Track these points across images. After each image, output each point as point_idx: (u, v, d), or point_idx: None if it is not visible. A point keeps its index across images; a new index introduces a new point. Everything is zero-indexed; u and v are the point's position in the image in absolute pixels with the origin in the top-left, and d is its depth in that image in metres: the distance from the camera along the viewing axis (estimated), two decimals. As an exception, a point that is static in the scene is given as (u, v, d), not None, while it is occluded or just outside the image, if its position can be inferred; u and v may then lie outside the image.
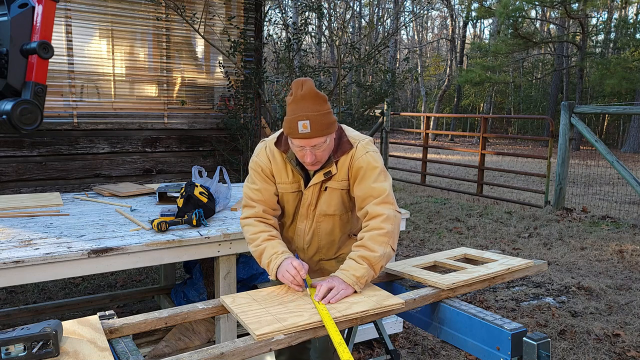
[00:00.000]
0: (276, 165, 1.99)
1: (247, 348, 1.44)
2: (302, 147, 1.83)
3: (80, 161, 4.75)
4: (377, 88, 7.01)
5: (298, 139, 1.80)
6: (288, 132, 1.83)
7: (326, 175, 1.94)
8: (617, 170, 6.78)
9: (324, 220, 2.02)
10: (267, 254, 1.91)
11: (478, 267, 2.07)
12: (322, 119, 1.80)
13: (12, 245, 2.16)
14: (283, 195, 2.02)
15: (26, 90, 2.64)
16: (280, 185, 2.01)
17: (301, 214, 2.03)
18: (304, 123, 1.78)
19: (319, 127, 1.79)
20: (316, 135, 1.79)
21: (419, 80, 31.25)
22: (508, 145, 23.37)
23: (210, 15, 5.28)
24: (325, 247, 2.08)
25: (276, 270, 1.86)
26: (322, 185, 1.97)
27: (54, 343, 1.32)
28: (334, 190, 1.97)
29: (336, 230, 2.05)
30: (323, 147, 1.84)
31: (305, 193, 1.98)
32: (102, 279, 4.47)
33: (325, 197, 1.98)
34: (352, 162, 1.93)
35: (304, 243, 2.08)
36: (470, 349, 1.76)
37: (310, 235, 2.05)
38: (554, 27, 26.56)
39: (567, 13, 18.97)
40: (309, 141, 1.80)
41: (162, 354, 2.84)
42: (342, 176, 1.95)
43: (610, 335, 3.42)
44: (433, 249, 5.43)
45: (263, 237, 1.94)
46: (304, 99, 1.80)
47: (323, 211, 2.00)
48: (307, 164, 1.88)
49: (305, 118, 1.78)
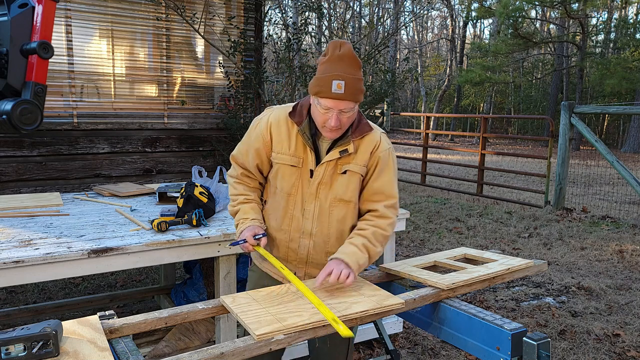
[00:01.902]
0: (278, 135, 1.87)
1: (247, 348, 1.44)
2: (329, 109, 1.73)
3: (80, 161, 4.75)
4: (377, 88, 7.00)
5: (329, 99, 1.71)
6: (317, 90, 1.73)
7: (342, 153, 1.84)
8: (617, 170, 6.78)
9: (338, 206, 1.89)
10: (237, 216, 1.95)
11: (478, 267, 2.07)
12: (357, 83, 1.74)
13: (12, 245, 2.16)
14: (279, 167, 1.89)
15: (26, 90, 2.64)
16: (278, 155, 1.88)
17: (309, 193, 1.87)
18: (339, 83, 1.69)
19: (352, 91, 1.72)
20: (348, 99, 1.71)
21: (419, 80, 31.25)
22: (508, 145, 23.37)
23: (210, 15, 5.28)
24: (334, 236, 1.91)
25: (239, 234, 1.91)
26: (338, 165, 1.86)
27: (54, 343, 1.32)
28: (354, 174, 1.87)
29: (348, 219, 1.92)
30: (349, 114, 1.76)
31: (317, 170, 1.85)
32: (102, 279, 4.47)
33: (343, 180, 1.86)
34: (376, 150, 1.88)
35: (312, 227, 1.90)
36: (470, 349, 1.76)
37: (323, 220, 1.89)
38: (554, 27, 26.56)
39: (567, 13, 18.97)
40: (339, 103, 1.71)
41: (162, 354, 2.84)
42: (363, 160, 1.87)
43: (610, 335, 3.42)
44: (433, 249, 5.43)
45: (239, 200, 1.96)
46: (342, 59, 1.72)
47: (339, 195, 1.87)
48: (328, 130, 1.77)
49: (340, 78, 1.70)
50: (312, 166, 1.86)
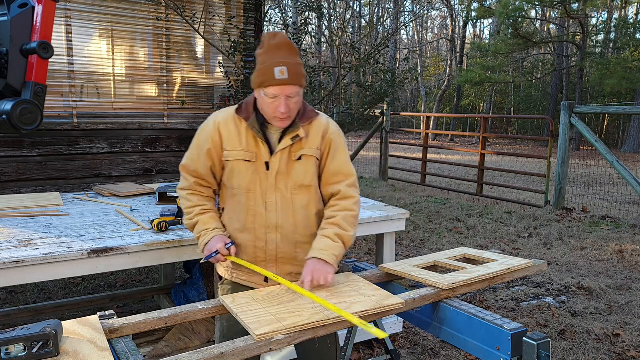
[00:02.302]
0: (227, 133, 1.88)
1: (247, 348, 1.44)
2: (276, 96, 1.76)
3: (80, 161, 4.75)
4: (377, 88, 7.01)
5: (274, 86, 1.75)
6: (262, 80, 1.76)
7: (294, 140, 1.86)
8: (617, 170, 6.78)
9: (300, 193, 1.90)
10: (197, 228, 1.91)
11: (478, 267, 2.07)
12: (298, 68, 1.79)
13: (12, 245, 2.16)
14: (234, 165, 1.88)
15: (26, 90, 2.64)
16: (231, 152, 1.88)
17: (269, 185, 1.87)
18: (281, 69, 1.73)
19: (295, 75, 1.76)
20: (293, 83, 1.76)
21: (419, 80, 31.24)
22: (508, 145, 23.36)
23: (210, 15, 5.28)
24: (301, 224, 1.91)
25: (204, 247, 1.88)
26: (292, 152, 1.88)
27: (54, 343, 1.32)
28: (310, 158, 1.90)
29: (312, 205, 1.93)
30: (296, 99, 1.80)
31: (272, 160, 1.86)
32: (102, 279, 4.47)
33: (300, 166, 1.89)
34: (326, 132, 1.93)
35: (278, 219, 1.88)
36: (470, 349, 1.76)
37: (287, 209, 1.89)
38: (554, 27, 26.56)
39: (567, 13, 18.97)
40: (285, 88, 1.75)
41: (162, 354, 2.84)
42: (315, 144, 1.90)
43: (610, 335, 3.42)
44: (433, 249, 5.43)
45: (196, 212, 1.93)
46: (279, 47, 1.77)
47: (299, 181, 1.89)
48: (279, 119, 1.80)
49: (282, 64, 1.74)
50: (267, 158, 1.87)
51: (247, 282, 1.98)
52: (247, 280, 1.98)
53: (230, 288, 2.01)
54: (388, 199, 7.99)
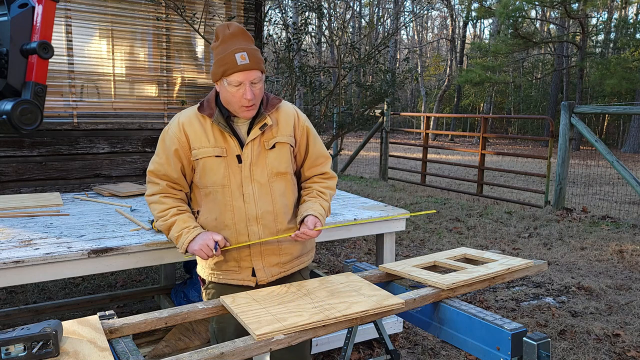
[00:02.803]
0: (193, 132, 1.86)
1: (247, 348, 1.44)
2: (240, 83, 1.76)
3: (80, 161, 4.75)
4: (377, 88, 7.00)
5: (237, 72, 1.75)
6: (224, 69, 1.76)
7: (262, 128, 1.87)
8: (617, 170, 6.78)
9: (277, 180, 1.91)
10: (177, 227, 1.85)
11: (478, 267, 2.07)
12: (257, 53, 1.80)
13: (12, 245, 2.16)
14: (205, 163, 1.86)
15: (26, 90, 2.64)
16: (200, 150, 1.85)
17: (244, 177, 1.87)
18: (242, 54, 1.74)
19: (256, 60, 1.77)
20: (255, 67, 1.77)
21: (419, 80, 31.24)
22: (508, 145, 23.36)
23: (210, 15, 5.28)
24: (281, 211, 1.93)
25: (188, 244, 1.83)
26: (263, 142, 1.88)
27: (54, 343, 1.32)
28: (284, 145, 1.92)
29: (288, 192, 1.96)
30: (259, 85, 1.80)
31: (244, 152, 1.86)
32: (102, 279, 4.47)
33: (274, 154, 1.90)
34: (298, 120, 1.98)
35: (257, 210, 1.88)
36: (470, 349, 1.76)
37: (266, 198, 1.89)
38: (554, 27, 26.56)
39: (567, 13, 18.97)
40: (248, 74, 1.76)
41: (162, 354, 2.84)
42: (287, 131, 1.93)
43: (610, 335, 3.42)
44: (433, 249, 5.43)
45: (172, 212, 1.87)
46: (235, 36, 1.78)
47: (275, 168, 1.90)
48: (245, 108, 1.81)
49: (242, 50, 1.75)
50: (238, 151, 1.87)
51: (233, 280, 1.95)
52: (233, 279, 1.95)
53: (215, 291, 1.98)
54: (388, 199, 7.99)
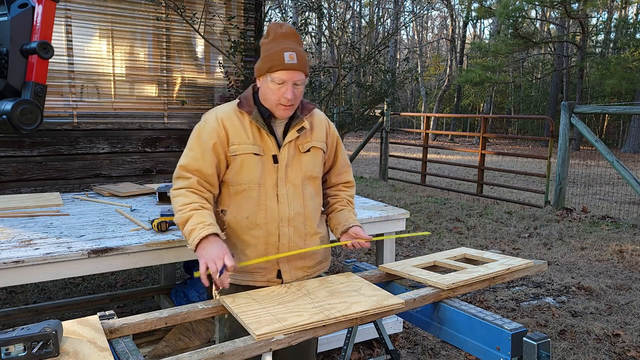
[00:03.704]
0: (232, 127, 1.83)
1: (247, 348, 1.44)
2: (284, 82, 1.75)
3: (80, 161, 4.75)
4: (377, 88, 7.01)
5: (283, 70, 1.74)
6: (270, 65, 1.75)
7: (299, 132, 1.87)
8: (617, 170, 6.78)
9: (308, 183, 1.93)
10: (192, 221, 1.73)
11: (478, 267, 2.07)
12: (305, 56, 1.80)
13: (12, 245, 2.16)
14: (243, 159, 1.82)
15: (26, 90, 2.64)
16: (240, 146, 1.82)
17: (280, 177, 1.86)
18: (291, 54, 1.74)
19: (303, 62, 1.77)
20: (301, 69, 1.77)
21: (419, 80, 31.25)
22: (508, 145, 23.37)
23: (210, 15, 5.28)
24: (310, 215, 1.94)
25: (198, 242, 1.70)
26: (298, 144, 1.89)
27: (54, 343, 1.32)
28: (318, 150, 1.94)
29: (316, 196, 1.97)
30: (301, 87, 1.80)
31: (281, 154, 1.85)
32: (102, 279, 4.47)
33: (309, 158, 1.91)
34: (329, 127, 2.01)
35: (290, 211, 1.88)
36: (470, 349, 1.76)
37: (298, 200, 1.89)
38: (554, 27, 26.56)
39: (567, 13, 18.97)
40: (293, 74, 1.75)
41: (162, 354, 2.84)
42: (321, 136, 1.95)
43: (610, 335, 3.42)
44: (433, 249, 5.43)
45: (192, 207, 1.76)
46: (286, 36, 1.78)
47: (309, 172, 1.91)
48: (283, 107, 1.79)
49: (291, 50, 1.74)
50: (274, 151, 1.86)
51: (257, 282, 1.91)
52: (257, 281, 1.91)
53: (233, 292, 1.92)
54: (388, 199, 7.99)
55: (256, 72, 1.82)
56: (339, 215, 2.02)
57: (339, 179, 2.09)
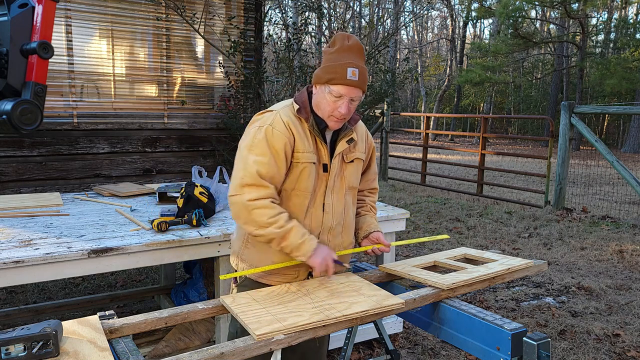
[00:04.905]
0: (297, 133, 1.78)
1: (247, 348, 1.44)
2: (341, 96, 1.73)
3: (80, 161, 4.74)
4: (377, 88, 7.00)
5: (344, 85, 1.72)
6: (331, 77, 1.73)
7: (349, 143, 1.88)
8: (617, 170, 6.78)
9: (349, 193, 1.96)
10: (297, 233, 1.73)
11: (478, 267, 2.07)
12: (366, 73, 1.79)
13: (12, 245, 2.16)
14: (304, 167, 1.80)
15: (26, 90, 2.64)
16: (304, 154, 1.79)
17: (328, 187, 1.87)
18: (354, 70, 1.72)
19: (364, 80, 1.76)
20: (361, 87, 1.76)
21: (419, 80, 31.25)
22: (508, 145, 23.36)
23: (210, 15, 5.28)
24: (349, 224, 1.98)
25: (313, 252, 1.76)
26: (344, 155, 1.89)
27: (54, 343, 1.32)
28: (360, 161, 1.97)
29: (354, 205, 2.03)
30: (356, 103, 1.79)
31: (332, 163, 1.86)
32: (102, 279, 4.47)
33: (353, 169, 1.93)
34: (367, 137, 2.03)
35: (333, 221, 1.89)
36: (470, 349, 1.76)
37: (340, 210, 1.91)
38: (554, 27, 26.56)
39: (567, 13, 18.97)
40: (352, 90, 1.74)
41: (162, 354, 2.84)
42: (363, 147, 1.98)
43: (610, 335, 3.42)
44: (433, 249, 5.43)
45: (285, 218, 1.74)
46: (352, 50, 1.75)
47: (352, 182, 1.94)
48: (335, 120, 1.78)
49: (355, 66, 1.73)
50: (326, 160, 1.86)
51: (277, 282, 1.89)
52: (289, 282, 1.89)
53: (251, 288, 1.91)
54: (388, 199, 7.99)
55: (315, 79, 1.80)
56: (361, 220, 2.06)
57: (367, 185, 2.11)
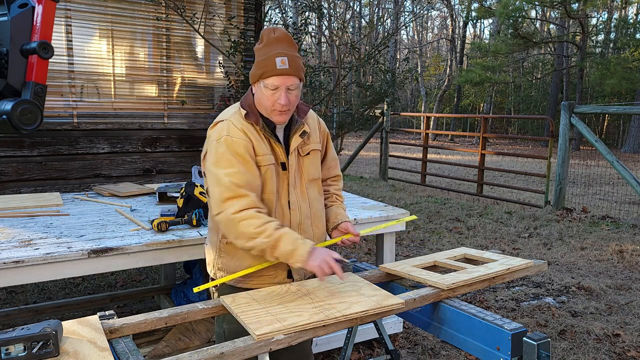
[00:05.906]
0: (254, 138, 1.80)
1: (247, 348, 1.44)
2: (277, 87, 1.74)
3: (80, 161, 4.74)
4: (377, 88, 7.01)
5: (275, 76, 1.73)
6: (262, 72, 1.74)
7: (303, 136, 1.88)
8: (617, 170, 6.78)
9: (311, 186, 1.94)
10: (288, 239, 1.69)
11: (478, 267, 2.07)
12: (298, 60, 1.79)
13: (12, 245, 2.16)
14: (266, 171, 1.81)
15: (26, 90, 2.64)
16: (263, 157, 1.80)
17: (290, 184, 1.87)
18: (282, 59, 1.73)
19: (296, 67, 1.76)
20: (294, 74, 1.75)
21: (419, 80, 31.24)
22: (508, 145, 23.36)
23: (210, 15, 5.28)
24: (317, 215, 1.96)
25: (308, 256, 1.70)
26: (299, 148, 1.89)
27: (54, 343, 1.32)
28: (317, 152, 1.96)
29: (319, 195, 2.00)
30: (296, 92, 1.79)
31: (290, 160, 1.86)
32: (102, 279, 4.47)
33: (310, 161, 1.93)
34: (319, 123, 2.02)
35: (300, 216, 1.89)
36: (470, 349, 1.76)
37: (305, 204, 1.91)
38: (554, 27, 26.56)
39: (567, 13, 18.97)
40: (286, 79, 1.73)
41: (162, 354, 2.84)
42: (316, 137, 1.97)
43: (610, 335, 3.42)
44: (433, 249, 5.43)
45: (274, 226, 1.70)
46: (279, 40, 1.77)
47: (311, 175, 1.93)
48: (278, 113, 1.77)
49: (283, 55, 1.74)
50: (283, 158, 1.86)
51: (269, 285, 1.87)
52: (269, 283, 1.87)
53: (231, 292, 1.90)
54: (388, 199, 7.99)
55: (250, 79, 1.82)
56: (328, 211, 2.04)
57: (327, 173, 2.09)
